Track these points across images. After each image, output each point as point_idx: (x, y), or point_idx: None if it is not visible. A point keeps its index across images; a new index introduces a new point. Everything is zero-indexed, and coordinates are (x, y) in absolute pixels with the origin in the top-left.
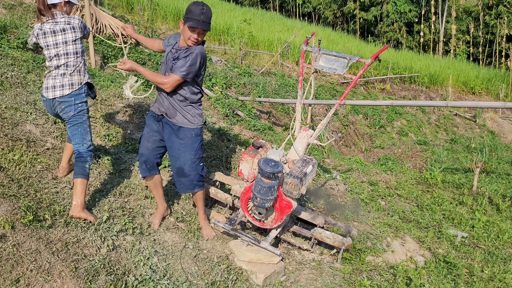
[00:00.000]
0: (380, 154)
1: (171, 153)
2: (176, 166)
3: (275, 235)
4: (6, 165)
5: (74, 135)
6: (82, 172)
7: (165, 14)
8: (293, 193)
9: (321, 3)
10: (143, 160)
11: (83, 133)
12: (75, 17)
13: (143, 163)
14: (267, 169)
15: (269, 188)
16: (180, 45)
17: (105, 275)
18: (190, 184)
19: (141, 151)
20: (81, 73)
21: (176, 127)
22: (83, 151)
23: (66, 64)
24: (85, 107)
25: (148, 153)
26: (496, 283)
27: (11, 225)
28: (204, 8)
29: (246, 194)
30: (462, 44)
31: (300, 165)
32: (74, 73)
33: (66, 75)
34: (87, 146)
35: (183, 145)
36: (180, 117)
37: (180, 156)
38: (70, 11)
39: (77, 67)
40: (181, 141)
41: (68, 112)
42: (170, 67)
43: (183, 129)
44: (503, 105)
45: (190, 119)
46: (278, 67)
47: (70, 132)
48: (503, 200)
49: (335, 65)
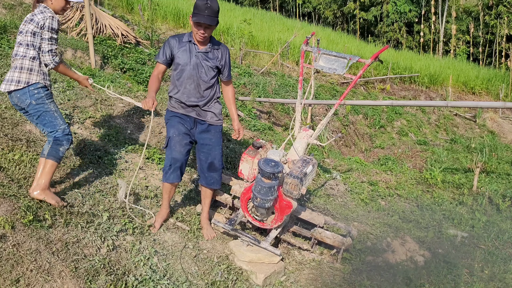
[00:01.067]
0: (380, 154)
1: (202, 149)
2: (208, 162)
3: (275, 235)
4: (6, 165)
5: (44, 125)
6: (55, 154)
7: (165, 14)
8: (293, 193)
9: (321, 3)
10: (178, 165)
11: (52, 120)
12: (44, 12)
13: (178, 168)
14: (267, 169)
15: (269, 188)
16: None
17: (105, 275)
18: (219, 179)
19: (174, 156)
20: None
21: (206, 124)
22: (59, 135)
23: (16, 53)
24: (42, 93)
25: (182, 158)
26: (496, 283)
27: (11, 225)
28: (208, 2)
29: (246, 194)
30: (462, 44)
31: (300, 165)
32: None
33: (16, 68)
34: (62, 131)
35: (213, 140)
36: (210, 115)
37: (211, 152)
38: (59, 7)
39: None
40: (212, 138)
41: (24, 101)
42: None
43: (212, 126)
44: (503, 105)
45: (218, 116)
46: (278, 67)
47: (38, 125)
48: (503, 200)
49: (335, 65)
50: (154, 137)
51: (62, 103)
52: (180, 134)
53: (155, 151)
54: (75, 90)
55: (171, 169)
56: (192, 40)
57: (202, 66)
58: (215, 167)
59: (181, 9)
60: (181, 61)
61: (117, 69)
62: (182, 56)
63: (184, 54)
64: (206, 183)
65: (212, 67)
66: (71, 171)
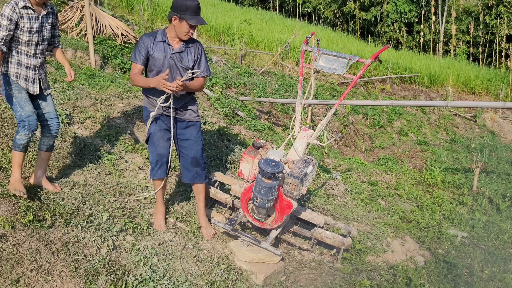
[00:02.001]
0: (380, 154)
1: (184, 145)
2: (191, 156)
3: (276, 235)
4: (6, 165)
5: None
6: (14, 143)
7: (165, 14)
8: (293, 194)
9: (321, 3)
10: (165, 160)
11: (13, 107)
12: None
13: (164, 163)
14: (267, 170)
15: (270, 188)
16: (173, 46)
17: (105, 275)
18: (202, 173)
19: (160, 152)
20: None
21: (185, 122)
22: (18, 123)
23: None
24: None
25: (167, 153)
26: (496, 283)
27: (11, 225)
28: (199, 3)
29: (247, 194)
30: (462, 44)
31: (301, 165)
32: None
33: None
34: (18, 119)
35: (194, 135)
36: (189, 112)
37: (193, 146)
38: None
39: None
40: (192, 133)
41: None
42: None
43: (192, 122)
44: (503, 105)
45: (196, 113)
46: (278, 67)
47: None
48: (503, 200)
49: (335, 65)
50: None
51: (62, 103)
52: (161, 129)
53: None
54: (75, 90)
55: (157, 165)
56: (167, 40)
57: (177, 68)
58: (198, 161)
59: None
60: (156, 63)
61: (117, 69)
62: (157, 57)
63: (160, 55)
64: (190, 179)
65: (186, 68)
66: (71, 171)
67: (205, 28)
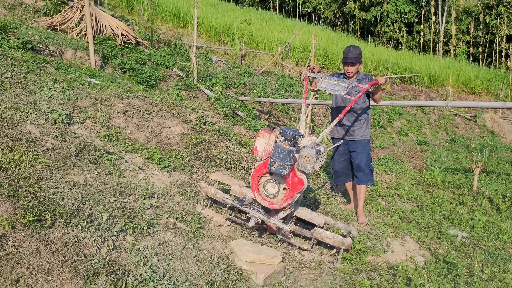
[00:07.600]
0: (380, 154)
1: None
2: (355, 164)
3: (284, 216)
4: (6, 165)
5: None
6: None
7: (165, 14)
8: (307, 167)
9: (321, 3)
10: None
11: None
12: None
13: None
14: (289, 131)
15: (289, 152)
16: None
17: (105, 275)
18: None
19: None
20: None
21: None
22: None
23: None
24: None
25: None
26: (496, 283)
27: (11, 225)
28: (351, 48)
29: (259, 171)
30: (462, 44)
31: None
32: None
33: None
34: None
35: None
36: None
37: (358, 156)
38: None
39: None
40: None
41: None
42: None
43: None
44: (503, 105)
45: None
46: (278, 67)
47: None
48: (503, 200)
49: (336, 88)
50: (153, 137)
51: (62, 103)
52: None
53: (155, 151)
54: (75, 90)
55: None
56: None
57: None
58: (361, 168)
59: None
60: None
61: (117, 69)
62: None
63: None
64: (356, 181)
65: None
66: (71, 171)
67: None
